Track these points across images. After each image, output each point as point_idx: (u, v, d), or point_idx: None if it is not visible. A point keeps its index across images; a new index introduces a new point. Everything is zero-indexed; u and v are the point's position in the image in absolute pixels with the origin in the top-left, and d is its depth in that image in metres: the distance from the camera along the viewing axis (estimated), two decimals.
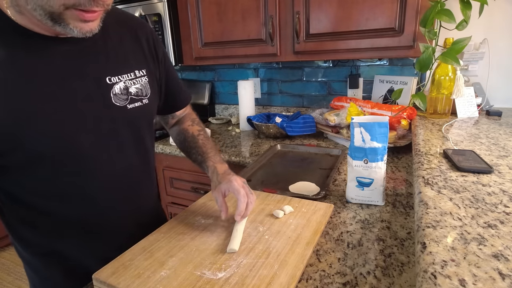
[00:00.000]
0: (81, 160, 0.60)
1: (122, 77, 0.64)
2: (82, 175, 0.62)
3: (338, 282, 0.55)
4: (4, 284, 2.08)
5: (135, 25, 0.70)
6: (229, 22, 1.51)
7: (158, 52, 0.74)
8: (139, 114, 0.68)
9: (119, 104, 0.63)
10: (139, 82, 0.67)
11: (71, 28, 0.48)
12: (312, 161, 1.19)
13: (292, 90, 1.85)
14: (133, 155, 0.70)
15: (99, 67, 0.61)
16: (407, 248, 0.64)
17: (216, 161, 0.75)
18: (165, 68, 0.77)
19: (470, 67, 1.39)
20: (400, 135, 1.24)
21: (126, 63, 0.66)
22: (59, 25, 0.47)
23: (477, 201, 0.54)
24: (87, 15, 0.48)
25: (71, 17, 0.47)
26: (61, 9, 0.45)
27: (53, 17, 0.46)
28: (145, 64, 0.70)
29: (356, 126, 0.76)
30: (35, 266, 0.71)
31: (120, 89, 0.63)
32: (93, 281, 0.57)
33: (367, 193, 0.80)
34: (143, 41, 0.70)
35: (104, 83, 0.61)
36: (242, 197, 0.66)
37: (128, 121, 0.66)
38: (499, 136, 0.91)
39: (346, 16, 1.27)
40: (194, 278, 0.55)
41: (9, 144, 0.52)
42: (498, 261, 0.39)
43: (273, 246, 0.63)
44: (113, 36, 0.64)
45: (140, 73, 0.68)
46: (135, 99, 0.66)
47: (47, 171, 0.58)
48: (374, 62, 1.60)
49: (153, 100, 0.72)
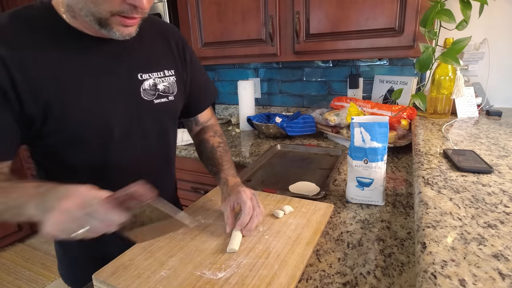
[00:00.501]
0: (111, 145, 0.68)
1: (152, 74, 0.72)
2: (110, 158, 0.69)
3: (338, 282, 0.55)
4: (4, 284, 2.08)
5: (166, 31, 0.79)
6: (229, 22, 1.51)
7: (186, 55, 0.81)
8: (164, 109, 0.75)
9: (147, 98, 0.71)
10: (167, 80, 0.75)
11: (114, 32, 0.57)
12: (312, 161, 1.19)
13: (292, 90, 1.85)
14: (155, 146, 0.77)
15: (133, 65, 0.69)
16: (407, 248, 0.64)
17: (229, 174, 0.78)
18: (191, 70, 0.83)
19: (470, 67, 1.39)
20: (400, 135, 1.24)
21: (157, 63, 0.74)
22: (104, 28, 0.57)
23: (477, 201, 0.54)
24: (128, 21, 0.57)
25: (115, 22, 0.56)
26: (108, 15, 0.55)
27: (100, 22, 0.56)
28: (174, 65, 0.78)
29: (356, 126, 0.76)
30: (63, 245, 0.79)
31: (149, 85, 0.72)
32: (93, 281, 0.57)
33: (367, 193, 0.80)
34: (173, 45, 0.78)
35: (135, 79, 0.69)
36: (247, 209, 0.66)
37: (153, 114, 0.73)
38: (499, 136, 0.91)
39: (346, 16, 1.27)
40: (194, 278, 0.55)
41: (57, 125, 0.61)
42: (498, 261, 0.39)
43: (273, 246, 0.63)
44: (147, 40, 0.73)
45: (169, 72, 0.76)
46: (162, 95, 0.74)
47: (83, 153, 0.66)
48: (374, 62, 1.60)
49: (179, 98, 0.79)
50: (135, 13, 0.56)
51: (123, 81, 0.68)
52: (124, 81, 0.68)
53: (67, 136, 0.63)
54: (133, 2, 0.54)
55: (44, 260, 2.32)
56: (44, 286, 2.06)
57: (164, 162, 0.83)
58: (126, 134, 0.69)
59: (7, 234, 2.41)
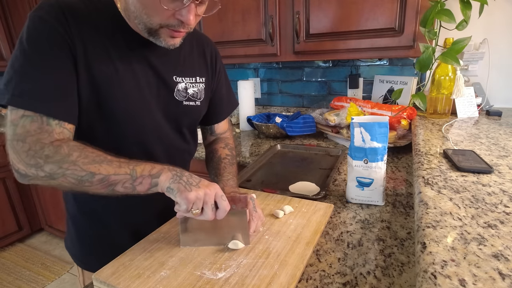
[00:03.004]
0: (141, 134, 0.73)
1: (185, 79, 0.79)
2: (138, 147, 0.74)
3: (338, 282, 0.55)
4: (4, 284, 2.08)
5: (203, 42, 0.85)
6: (229, 22, 1.51)
7: (217, 67, 0.88)
8: (191, 111, 0.81)
9: (178, 98, 0.78)
10: (197, 86, 0.81)
11: (160, 41, 0.64)
12: (312, 161, 1.19)
13: (292, 90, 1.85)
14: (174, 144, 0.82)
15: (170, 68, 0.76)
16: (407, 248, 0.64)
17: (227, 184, 0.79)
18: (218, 81, 0.89)
19: (470, 67, 1.39)
20: (400, 135, 1.24)
21: (191, 69, 0.80)
22: (152, 37, 0.64)
23: (477, 201, 0.54)
24: (175, 34, 0.63)
25: (163, 33, 0.63)
26: (157, 27, 0.61)
27: (150, 31, 0.62)
28: (205, 74, 0.84)
29: (356, 126, 0.76)
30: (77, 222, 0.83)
31: (182, 88, 0.78)
32: (93, 281, 0.57)
33: (367, 193, 0.80)
34: (207, 56, 0.85)
35: (171, 80, 0.76)
36: None
37: (180, 114, 0.79)
38: (499, 136, 0.91)
39: (346, 16, 1.27)
40: (194, 278, 0.55)
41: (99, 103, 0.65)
42: (498, 261, 0.39)
43: (273, 246, 0.63)
44: (186, 47, 0.79)
45: (200, 79, 0.82)
46: (191, 98, 0.80)
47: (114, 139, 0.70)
48: (374, 62, 1.60)
49: (204, 104, 0.85)
50: (181, 28, 0.62)
51: (162, 80, 0.74)
52: (162, 80, 0.74)
53: (105, 117, 0.67)
54: (181, 18, 0.60)
55: (44, 260, 2.32)
56: (44, 286, 2.06)
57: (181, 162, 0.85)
58: (154, 126, 0.74)
59: (7, 234, 2.41)
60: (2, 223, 2.36)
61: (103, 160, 0.58)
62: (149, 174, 0.58)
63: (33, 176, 0.56)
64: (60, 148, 0.56)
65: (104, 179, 0.57)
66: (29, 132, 0.56)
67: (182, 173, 0.60)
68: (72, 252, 0.87)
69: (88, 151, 0.58)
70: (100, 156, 0.58)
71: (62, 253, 2.39)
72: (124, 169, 0.58)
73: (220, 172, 0.83)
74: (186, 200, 0.56)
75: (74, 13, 0.61)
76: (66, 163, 0.55)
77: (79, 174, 0.56)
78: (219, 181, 0.80)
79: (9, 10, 2.31)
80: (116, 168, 0.57)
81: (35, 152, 0.55)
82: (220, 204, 0.59)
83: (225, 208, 0.60)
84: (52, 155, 0.55)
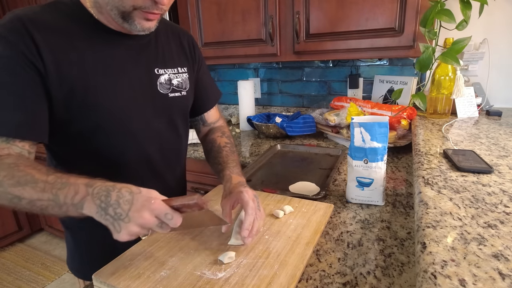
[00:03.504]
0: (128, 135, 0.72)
1: (167, 70, 0.78)
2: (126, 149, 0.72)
3: (338, 282, 0.55)
4: (4, 284, 2.08)
5: (179, 33, 0.85)
6: (229, 22, 1.51)
7: (195, 55, 0.87)
8: (178, 102, 0.80)
9: (162, 91, 0.76)
10: (181, 76, 0.81)
11: (135, 25, 0.62)
12: (312, 161, 1.19)
13: (292, 90, 1.85)
14: (168, 140, 0.81)
15: (150, 60, 0.74)
16: (407, 248, 0.64)
17: (233, 171, 0.76)
18: (199, 69, 0.88)
19: (470, 67, 1.39)
20: (400, 135, 1.24)
21: (171, 60, 0.79)
22: (127, 22, 0.62)
23: (477, 201, 0.54)
24: (149, 15, 0.62)
25: (137, 16, 0.62)
26: (131, 9, 0.60)
27: (123, 15, 0.61)
28: (186, 63, 0.83)
29: (356, 126, 0.76)
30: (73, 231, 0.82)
31: (165, 80, 0.77)
32: (93, 281, 0.57)
33: (367, 193, 0.80)
34: (185, 45, 0.84)
35: (152, 73, 0.75)
36: (250, 209, 0.62)
37: (167, 107, 0.78)
38: (499, 136, 0.91)
39: (346, 16, 1.27)
40: (194, 278, 0.55)
41: (78, 111, 0.64)
42: (498, 261, 0.39)
43: (273, 246, 0.63)
44: (163, 39, 0.79)
45: (182, 69, 0.81)
46: (176, 89, 0.79)
47: (100, 141, 0.69)
48: (374, 62, 1.60)
49: (190, 93, 0.85)
50: (155, 9, 0.61)
51: (142, 74, 0.72)
52: (143, 74, 0.73)
53: (86, 125, 0.66)
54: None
55: (44, 260, 2.32)
56: (44, 286, 2.06)
57: (175, 156, 0.86)
58: (141, 125, 0.73)
59: (7, 234, 2.41)
60: (2, 223, 2.35)
61: (28, 181, 0.52)
62: (72, 203, 0.50)
63: None
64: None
65: (31, 203, 0.51)
66: None
67: (108, 201, 0.48)
68: (72, 266, 0.86)
69: (18, 170, 0.53)
70: (27, 175, 0.52)
71: (62, 253, 2.39)
72: (47, 194, 0.51)
73: (224, 160, 0.81)
74: (121, 240, 0.49)
75: (39, 26, 0.59)
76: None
77: (7, 196, 0.52)
78: (225, 169, 0.77)
79: (9, 10, 2.31)
80: (39, 193, 0.51)
81: None
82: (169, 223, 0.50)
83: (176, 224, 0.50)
84: None
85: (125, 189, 0.50)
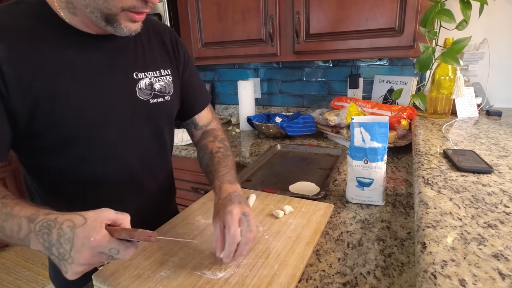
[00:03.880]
0: (104, 146, 0.66)
1: (148, 73, 0.71)
2: (103, 162, 0.67)
3: (338, 282, 0.55)
4: (4, 284, 2.08)
5: (161, 30, 0.77)
6: (229, 22, 1.51)
7: (180, 54, 0.80)
8: (160, 109, 0.74)
9: (142, 98, 0.70)
10: (164, 80, 0.74)
11: (121, 28, 0.57)
12: (312, 161, 1.19)
13: (292, 90, 1.85)
14: (151, 148, 0.75)
15: (129, 63, 0.68)
16: (407, 248, 0.64)
17: (224, 180, 0.69)
18: (185, 70, 0.82)
19: (470, 67, 1.39)
20: (400, 135, 1.24)
21: (153, 62, 0.73)
22: (111, 25, 0.56)
23: (477, 201, 0.54)
24: (137, 17, 0.57)
25: (123, 18, 0.56)
26: (118, 11, 0.55)
27: (108, 18, 0.55)
28: (170, 64, 0.77)
29: (356, 126, 0.76)
30: None
31: (145, 85, 0.70)
32: (93, 281, 0.57)
33: (367, 193, 0.80)
34: (168, 44, 0.77)
35: (131, 78, 0.68)
36: (230, 237, 0.55)
37: (148, 115, 0.72)
38: (499, 136, 0.91)
39: (346, 16, 1.27)
40: (194, 278, 0.55)
41: (45, 123, 0.58)
42: (498, 261, 0.39)
43: (273, 246, 0.63)
44: (143, 39, 0.72)
45: (165, 72, 0.75)
46: (158, 95, 0.73)
47: (74, 154, 0.64)
48: (374, 62, 1.60)
49: (175, 98, 0.78)
50: (146, 8, 0.57)
51: (118, 80, 0.66)
52: (119, 79, 0.66)
53: (56, 137, 0.60)
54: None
55: (44, 260, 2.32)
56: (44, 286, 2.06)
57: (160, 165, 0.81)
58: (120, 134, 0.67)
59: None
60: None
61: None
62: (19, 238, 0.47)
63: None
64: None
65: None
66: None
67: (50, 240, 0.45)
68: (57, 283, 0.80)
69: None
70: None
71: None
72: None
73: (215, 168, 0.74)
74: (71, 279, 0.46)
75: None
76: None
77: None
78: (215, 179, 0.70)
79: None
80: None
81: None
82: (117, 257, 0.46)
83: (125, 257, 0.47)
84: None
85: (66, 224, 0.45)
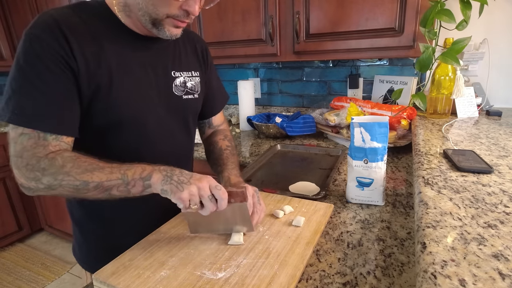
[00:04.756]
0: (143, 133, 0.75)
1: (183, 73, 0.82)
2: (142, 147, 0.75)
3: (338, 282, 0.55)
4: (4, 284, 2.08)
5: (195, 39, 0.89)
6: (229, 22, 1.51)
7: (207, 61, 0.91)
8: (190, 105, 0.84)
9: (177, 93, 0.80)
10: (194, 80, 0.85)
11: (164, 31, 0.66)
12: (312, 161, 1.19)
13: (292, 90, 1.85)
14: (180, 140, 0.84)
15: (168, 63, 0.78)
16: (407, 248, 0.64)
17: (232, 173, 0.80)
18: (209, 74, 0.92)
19: (470, 67, 1.39)
20: (400, 135, 1.24)
21: (186, 64, 0.84)
22: (156, 28, 0.66)
23: (477, 201, 0.54)
24: (180, 23, 0.66)
25: (168, 23, 0.66)
26: (164, 17, 0.64)
27: (154, 22, 0.65)
28: (199, 68, 0.88)
29: (356, 126, 0.76)
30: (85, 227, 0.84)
31: (180, 82, 0.81)
32: (93, 281, 0.57)
33: (367, 193, 0.80)
34: (198, 50, 0.89)
35: (169, 75, 0.79)
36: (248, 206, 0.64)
37: (181, 108, 0.82)
38: (499, 136, 0.91)
39: (346, 16, 1.27)
40: (194, 278, 0.55)
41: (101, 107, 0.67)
42: (498, 261, 0.39)
43: (273, 246, 0.63)
44: (180, 44, 0.83)
45: (195, 73, 0.85)
46: (190, 92, 0.83)
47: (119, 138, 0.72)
48: (374, 62, 1.60)
49: (201, 97, 0.88)
50: (187, 18, 0.66)
51: (160, 76, 0.76)
52: (161, 76, 0.76)
53: (104, 121, 0.69)
54: (188, 8, 0.64)
55: (44, 260, 2.32)
56: (44, 286, 2.06)
57: (185, 157, 0.89)
58: (156, 124, 0.76)
59: (7, 234, 2.41)
60: (2, 223, 2.35)
61: (95, 168, 0.60)
62: (140, 177, 0.60)
63: (35, 189, 0.61)
64: (55, 160, 0.59)
65: (98, 185, 0.59)
66: (25, 148, 0.60)
67: (172, 172, 0.60)
68: (79, 258, 0.88)
69: (81, 161, 0.61)
70: (93, 164, 0.61)
71: (62, 253, 2.39)
72: (116, 174, 0.60)
73: (224, 162, 0.85)
74: (180, 200, 0.58)
75: (71, 27, 0.62)
76: (61, 174, 0.59)
77: (74, 183, 0.59)
78: (224, 171, 0.82)
79: (9, 10, 2.31)
80: (108, 175, 0.60)
81: (33, 166, 0.59)
82: (216, 194, 0.59)
83: (222, 196, 0.60)
84: (47, 168, 0.59)
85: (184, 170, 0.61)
